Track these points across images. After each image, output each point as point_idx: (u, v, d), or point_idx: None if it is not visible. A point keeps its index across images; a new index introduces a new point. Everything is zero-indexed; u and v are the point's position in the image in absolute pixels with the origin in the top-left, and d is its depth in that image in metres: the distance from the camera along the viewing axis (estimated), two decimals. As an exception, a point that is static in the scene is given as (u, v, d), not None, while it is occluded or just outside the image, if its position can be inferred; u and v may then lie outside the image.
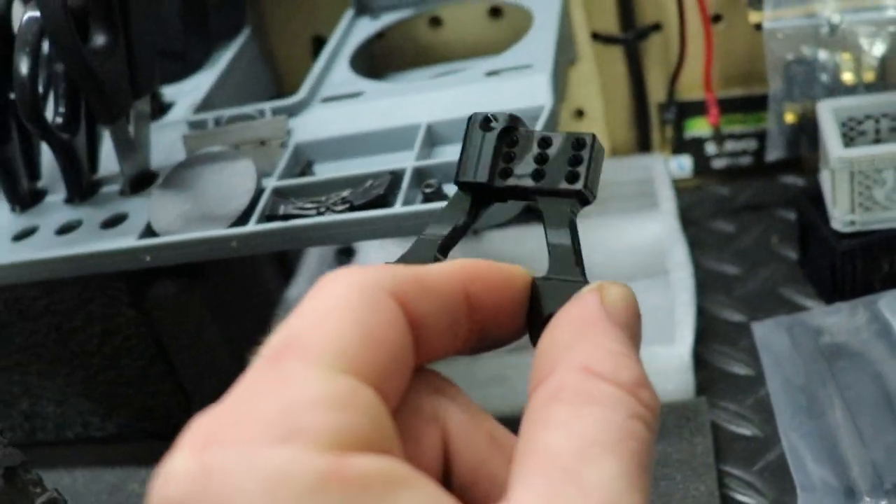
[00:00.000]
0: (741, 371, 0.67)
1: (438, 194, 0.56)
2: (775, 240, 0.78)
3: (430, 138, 0.61)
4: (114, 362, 0.67)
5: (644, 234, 0.77)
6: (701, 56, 0.79)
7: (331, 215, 0.56)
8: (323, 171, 0.63)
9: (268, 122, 0.65)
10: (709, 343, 0.70)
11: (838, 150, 0.66)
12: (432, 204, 0.55)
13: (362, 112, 0.65)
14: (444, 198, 0.56)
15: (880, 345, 0.64)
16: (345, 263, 0.82)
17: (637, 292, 0.25)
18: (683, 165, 0.86)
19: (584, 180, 0.27)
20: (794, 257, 0.76)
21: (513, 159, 0.28)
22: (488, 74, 0.64)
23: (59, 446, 0.72)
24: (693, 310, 0.67)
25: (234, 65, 0.78)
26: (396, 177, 0.57)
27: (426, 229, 0.28)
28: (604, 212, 0.80)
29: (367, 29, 0.78)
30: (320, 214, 0.57)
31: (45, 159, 0.69)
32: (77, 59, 0.58)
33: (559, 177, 0.27)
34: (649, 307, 0.71)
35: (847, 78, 0.71)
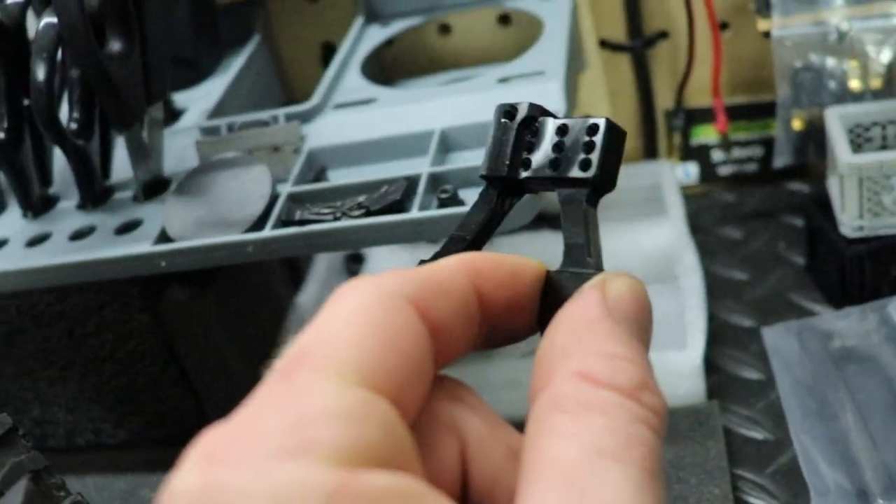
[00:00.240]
0: (751, 375, 0.68)
1: (454, 200, 0.56)
2: (782, 246, 0.79)
3: (443, 144, 0.61)
4: (126, 368, 0.67)
5: (653, 241, 0.77)
6: (708, 63, 0.80)
7: (347, 220, 0.56)
8: (336, 177, 0.63)
9: (281, 128, 0.65)
10: (719, 348, 0.70)
11: (847, 156, 0.67)
12: (449, 209, 0.55)
13: (375, 118, 0.65)
14: (460, 203, 0.56)
15: (890, 349, 0.64)
16: (354, 269, 0.82)
17: (647, 297, 0.24)
18: (690, 172, 0.86)
19: (597, 167, 0.26)
20: (802, 263, 0.76)
21: (533, 149, 0.27)
22: (500, 81, 0.65)
23: (71, 453, 0.72)
24: (704, 315, 0.68)
25: (244, 71, 0.79)
26: (412, 182, 0.57)
27: (456, 226, 0.27)
28: (612, 218, 0.80)
29: (377, 36, 0.78)
30: (336, 220, 0.57)
31: (56, 165, 0.69)
32: (94, 65, 0.58)
33: (574, 165, 0.26)
34: (659, 312, 0.71)
35: (854, 85, 0.72)
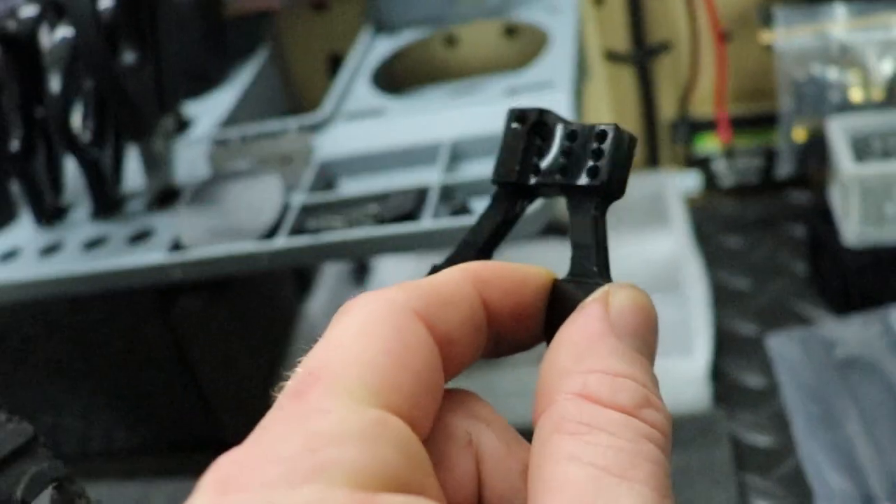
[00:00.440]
0: (756, 383, 0.69)
1: (465, 210, 0.57)
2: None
3: (454, 155, 0.62)
4: (138, 375, 0.68)
5: (657, 250, 0.78)
6: (710, 74, 0.81)
7: (361, 229, 0.57)
8: (347, 187, 0.64)
9: (292, 139, 0.66)
10: (723, 356, 0.71)
11: (850, 166, 0.68)
12: (461, 218, 0.56)
13: (385, 129, 0.66)
14: (471, 213, 0.57)
15: (893, 356, 0.65)
16: (361, 278, 0.83)
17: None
18: (692, 182, 0.87)
19: (605, 175, 0.25)
20: (804, 271, 0.77)
21: (543, 154, 0.27)
22: (509, 92, 0.66)
23: (82, 459, 0.72)
24: (709, 323, 0.69)
25: (254, 82, 0.79)
26: (423, 193, 0.58)
27: (468, 231, 0.27)
28: (616, 228, 0.80)
29: (385, 46, 0.79)
30: (350, 229, 0.58)
31: (67, 173, 0.70)
32: (108, 77, 0.59)
33: (582, 172, 0.25)
34: (664, 321, 0.72)
35: (856, 96, 0.73)
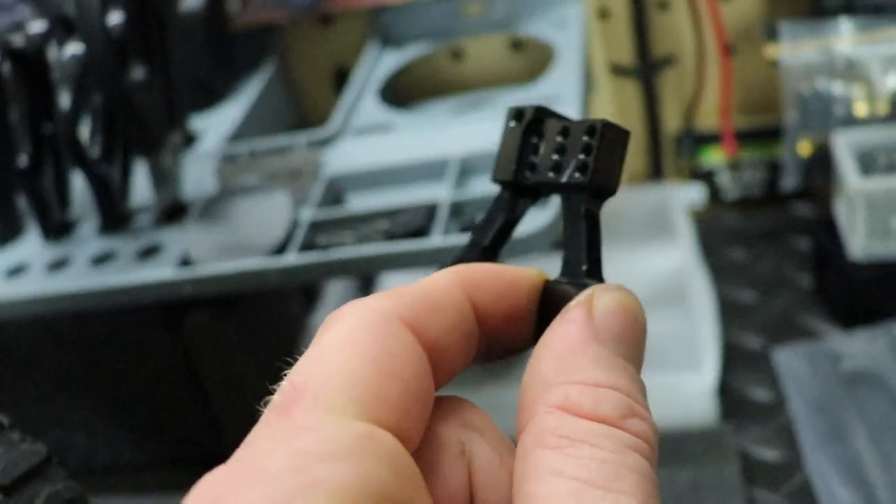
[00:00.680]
0: (762, 397, 0.69)
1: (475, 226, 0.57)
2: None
3: (462, 170, 0.62)
4: (146, 390, 0.68)
5: (662, 263, 0.78)
6: (715, 88, 0.81)
7: (372, 246, 0.57)
8: (355, 203, 0.64)
9: (301, 154, 0.66)
10: (729, 370, 0.71)
11: (856, 181, 0.68)
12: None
13: (394, 144, 0.66)
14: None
15: (900, 371, 0.65)
16: (368, 292, 0.83)
17: (657, 320, 0.24)
18: (696, 195, 0.88)
19: (592, 171, 0.25)
20: (809, 284, 0.78)
21: (539, 152, 0.26)
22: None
23: (88, 475, 0.72)
24: (716, 337, 0.69)
25: (262, 96, 0.79)
26: (433, 209, 0.58)
27: (473, 231, 0.27)
28: (620, 242, 0.81)
29: (391, 60, 0.79)
30: (360, 245, 0.58)
31: (73, 187, 0.70)
32: (118, 92, 0.59)
33: (571, 168, 0.25)
34: (670, 335, 0.73)
35: (861, 110, 0.73)
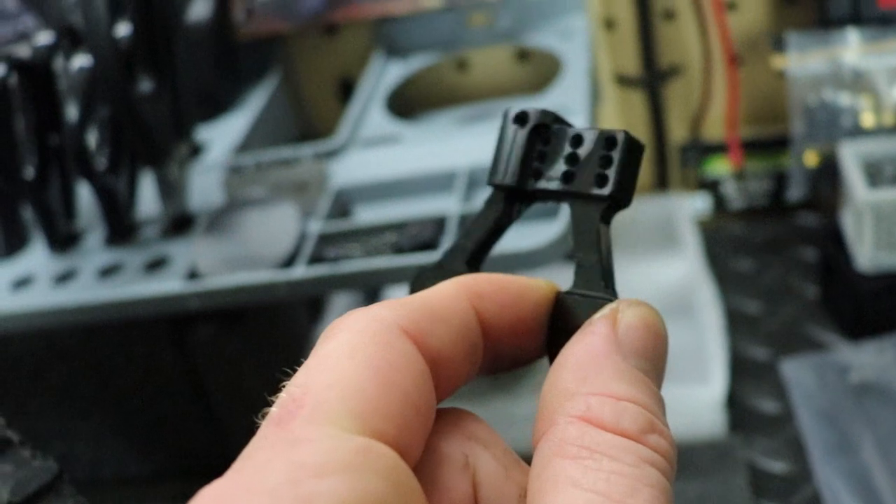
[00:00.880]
0: (770, 408, 0.69)
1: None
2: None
3: (470, 182, 0.62)
4: (152, 402, 0.68)
5: (669, 274, 0.78)
6: (721, 98, 0.81)
7: (381, 259, 0.57)
8: (363, 215, 0.64)
9: (307, 166, 0.66)
10: (736, 381, 0.71)
11: (863, 192, 0.68)
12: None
13: (402, 156, 0.66)
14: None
15: (908, 382, 0.65)
16: (373, 303, 0.82)
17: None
18: (702, 205, 0.87)
19: (614, 184, 0.24)
20: (815, 295, 0.77)
21: (545, 159, 0.25)
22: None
23: (95, 486, 0.72)
24: (724, 349, 0.69)
25: (266, 106, 0.79)
26: (442, 222, 0.58)
27: (461, 235, 0.26)
28: (627, 252, 0.81)
29: (396, 71, 0.79)
30: (369, 258, 0.58)
31: (80, 199, 0.69)
32: (125, 105, 0.59)
33: (589, 179, 0.24)
34: (677, 346, 0.72)
35: (868, 121, 0.73)
